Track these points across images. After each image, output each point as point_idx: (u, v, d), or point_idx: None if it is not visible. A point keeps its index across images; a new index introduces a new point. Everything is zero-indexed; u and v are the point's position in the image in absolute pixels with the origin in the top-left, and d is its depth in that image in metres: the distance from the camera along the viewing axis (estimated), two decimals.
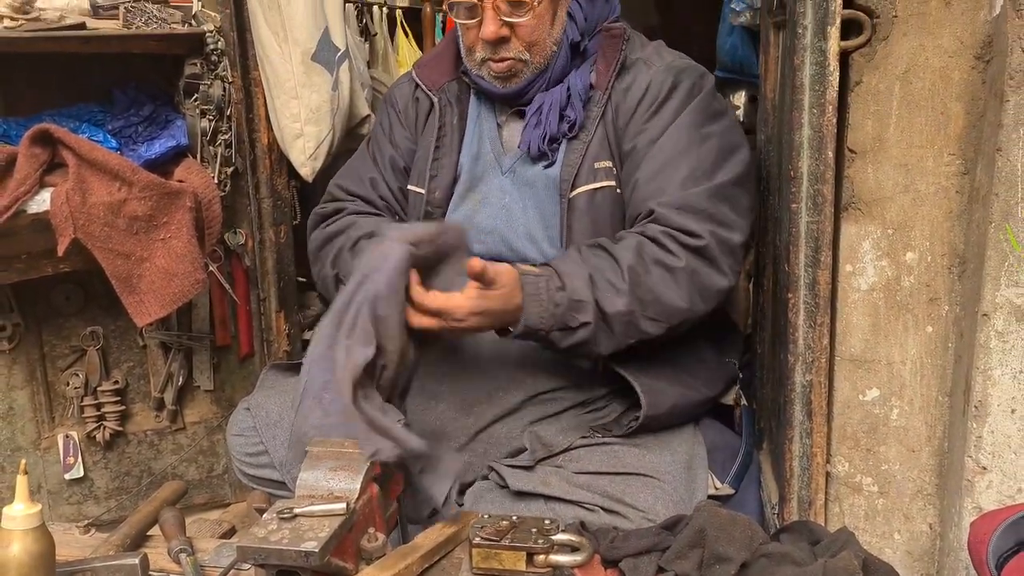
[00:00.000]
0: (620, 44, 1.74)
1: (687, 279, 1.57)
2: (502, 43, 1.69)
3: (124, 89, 2.16)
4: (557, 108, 1.72)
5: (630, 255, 1.56)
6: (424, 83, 1.87)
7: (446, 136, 1.82)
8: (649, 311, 1.57)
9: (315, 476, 1.36)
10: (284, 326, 2.49)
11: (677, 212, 1.59)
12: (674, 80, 1.70)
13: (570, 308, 1.53)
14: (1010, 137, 1.31)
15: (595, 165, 1.70)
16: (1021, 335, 1.37)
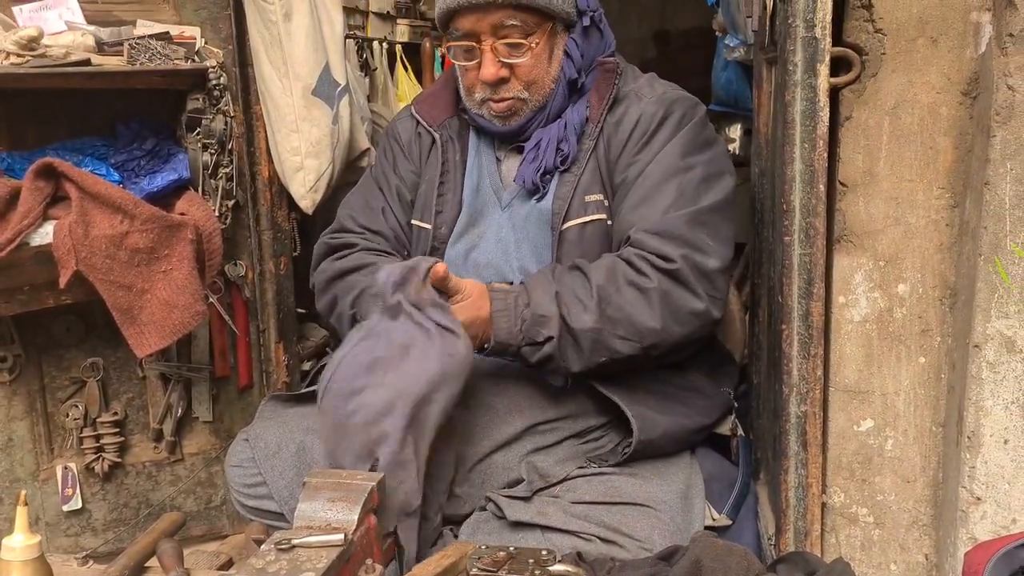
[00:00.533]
0: (613, 78, 1.78)
1: (659, 299, 1.59)
2: (501, 83, 1.72)
3: (128, 123, 2.19)
4: (555, 143, 1.74)
5: (602, 274, 1.60)
6: (424, 120, 1.89)
7: (449, 172, 1.84)
8: (619, 330, 1.59)
9: (313, 507, 1.36)
10: (283, 357, 2.50)
11: (653, 236, 1.62)
12: (665, 111, 1.73)
13: (535, 323, 1.57)
14: (997, 171, 1.33)
15: (586, 198, 1.73)
16: (1012, 366, 1.38)
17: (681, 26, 5.02)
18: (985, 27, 1.39)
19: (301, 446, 1.77)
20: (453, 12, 1.69)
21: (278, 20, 2.18)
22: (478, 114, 1.79)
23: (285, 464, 1.76)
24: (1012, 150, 1.32)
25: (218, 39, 2.26)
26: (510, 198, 1.80)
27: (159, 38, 2.07)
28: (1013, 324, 1.37)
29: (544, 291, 1.59)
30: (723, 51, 2.60)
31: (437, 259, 1.58)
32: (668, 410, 1.71)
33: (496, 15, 1.66)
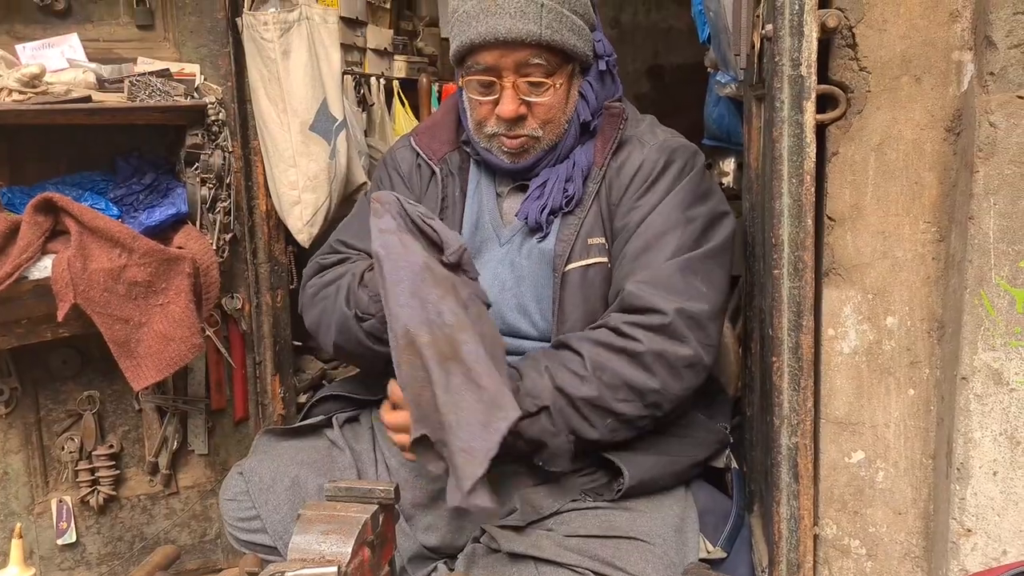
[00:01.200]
0: (618, 123, 1.78)
1: (653, 359, 1.59)
2: (518, 121, 1.70)
3: (127, 158, 2.22)
4: (562, 182, 1.74)
5: (589, 345, 1.60)
6: (424, 152, 1.88)
7: (449, 208, 1.83)
8: (619, 394, 1.59)
9: (307, 539, 1.36)
10: (279, 390, 2.51)
11: (646, 286, 1.61)
12: (667, 159, 1.73)
13: (527, 393, 1.56)
14: (981, 206, 1.36)
15: (589, 241, 1.72)
16: (1000, 398, 1.40)
17: (674, 61, 5.09)
18: (967, 66, 1.43)
19: (295, 480, 1.77)
20: (477, 47, 1.66)
21: (276, 57, 2.22)
22: (486, 148, 1.77)
23: (279, 498, 1.76)
24: (995, 185, 1.35)
25: (217, 76, 2.30)
26: (510, 235, 1.80)
27: (159, 75, 2.11)
28: (1000, 356, 1.39)
29: (532, 366, 1.59)
30: (715, 87, 2.63)
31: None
32: (661, 450, 1.71)
33: (522, 53, 1.64)
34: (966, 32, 1.42)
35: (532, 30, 1.61)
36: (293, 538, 1.36)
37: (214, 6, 2.29)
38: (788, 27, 1.40)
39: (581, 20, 1.69)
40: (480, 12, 1.63)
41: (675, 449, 1.74)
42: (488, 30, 1.62)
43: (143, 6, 2.24)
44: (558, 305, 1.72)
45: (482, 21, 1.62)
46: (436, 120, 1.94)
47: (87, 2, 2.20)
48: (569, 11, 1.65)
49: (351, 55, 2.96)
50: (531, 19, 1.61)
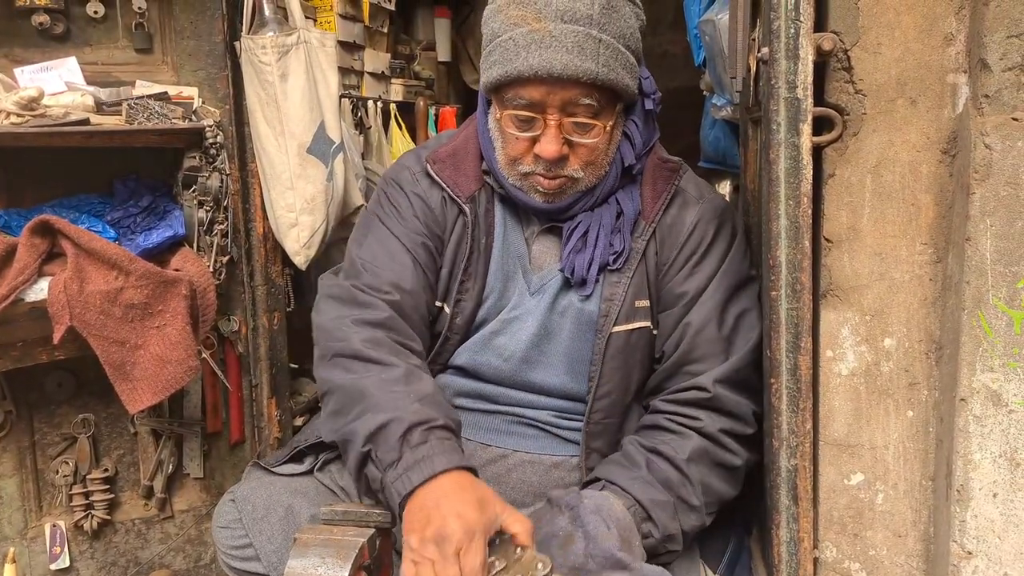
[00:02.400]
0: (675, 178, 1.69)
1: (742, 471, 1.64)
2: (559, 161, 1.56)
3: (125, 181, 2.23)
4: (608, 232, 1.63)
5: (696, 468, 1.57)
6: (451, 189, 1.69)
7: (475, 255, 1.68)
8: (711, 509, 1.62)
9: (303, 564, 1.35)
10: (275, 412, 2.50)
11: (733, 391, 1.61)
12: (719, 221, 1.68)
13: (663, 541, 1.55)
14: (977, 227, 1.36)
15: (636, 303, 1.64)
16: (999, 419, 1.40)
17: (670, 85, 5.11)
18: (962, 88, 1.43)
19: (289, 509, 1.72)
20: (524, 80, 1.50)
21: (274, 80, 2.23)
22: (516, 186, 1.64)
23: (273, 528, 1.72)
24: (991, 207, 1.35)
25: (215, 99, 2.31)
26: (540, 284, 1.68)
27: (157, 98, 2.11)
28: (998, 377, 1.38)
29: (664, 506, 1.54)
30: (710, 110, 2.65)
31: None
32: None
33: (572, 91, 1.50)
34: (960, 55, 1.43)
35: (590, 68, 1.47)
36: (289, 562, 1.35)
37: (212, 29, 2.31)
38: (784, 50, 1.41)
39: (634, 57, 1.57)
40: (532, 43, 1.47)
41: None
42: (541, 64, 1.47)
43: (141, 30, 2.25)
44: (599, 368, 1.64)
45: (534, 53, 1.47)
46: (456, 149, 1.74)
47: (86, 25, 2.22)
48: (624, 47, 1.53)
49: (348, 78, 2.98)
50: (589, 55, 1.47)
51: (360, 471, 1.47)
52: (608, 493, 1.53)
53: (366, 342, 1.56)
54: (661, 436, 1.61)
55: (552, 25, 1.47)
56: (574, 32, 1.47)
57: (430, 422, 1.43)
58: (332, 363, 1.58)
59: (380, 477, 1.42)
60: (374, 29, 3.15)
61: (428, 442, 1.40)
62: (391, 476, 1.39)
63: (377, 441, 1.42)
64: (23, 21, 2.14)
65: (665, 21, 5.21)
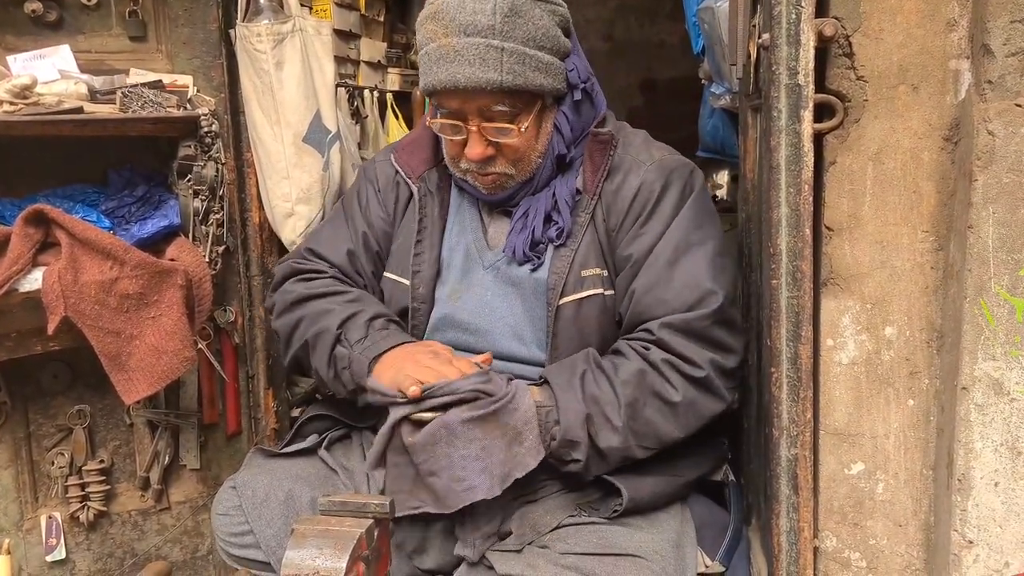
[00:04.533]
0: (608, 150, 1.73)
1: (685, 411, 1.61)
2: (488, 161, 1.68)
3: (119, 171, 2.20)
4: (543, 213, 1.72)
5: (630, 389, 1.58)
6: (403, 170, 1.85)
7: (427, 228, 1.81)
8: (645, 442, 1.61)
9: (300, 555, 1.35)
10: (272, 403, 2.48)
11: (678, 336, 1.61)
12: (665, 180, 1.70)
13: (563, 445, 1.57)
14: (980, 215, 1.35)
15: (582, 273, 1.70)
16: (1000, 408, 1.39)
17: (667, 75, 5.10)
18: (964, 74, 1.42)
19: (289, 495, 1.74)
20: (438, 92, 1.63)
21: (270, 69, 2.21)
22: (462, 179, 1.76)
23: (273, 513, 1.73)
24: (994, 194, 1.34)
25: (210, 87, 2.29)
26: (493, 260, 1.77)
27: (152, 86, 2.09)
28: (1000, 366, 1.38)
29: (576, 413, 1.57)
30: (709, 99, 2.63)
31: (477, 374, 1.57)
32: (662, 470, 1.70)
33: (484, 100, 1.61)
34: (963, 41, 1.42)
35: (492, 78, 1.56)
36: (287, 553, 1.35)
37: (207, 17, 2.28)
38: (785, 36, 1.40)
39: (549, 54, 1.63)
40: (440, 57, 1.59)
41: (675, 468, 1.73)
42: (448, 78, 1.58)
43: (135, 17, 2.23)
44: (552, 339, 1.70)
45: (442, 67, 1.58)
46: (415, 137, 1.91)
47: (79, 13, 2.19)
48: (534, 49, 1.60)
49: (345, 68, 2.95)
50: (491, 66, 1.56)
51: (330, 356, 1.71)
52: (535, 388, 1.61)
53: (315, 285, 1.82)
54: (610, 356, 1.65)
55: (456, 40, 1.57)
56: (475, 45, 1.56)
57: (389, 316, 1.75)
58: (289, 309, 1.82)
59: (348, 353, 1.68)
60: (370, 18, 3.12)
61: (389, 329, 1.72)
62: (359, 348, 1.67)
63: (346, 327, 1.71)
64: (16, 8, 2.11)
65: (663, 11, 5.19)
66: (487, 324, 1.75)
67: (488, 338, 1.74)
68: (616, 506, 1.65)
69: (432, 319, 1.79)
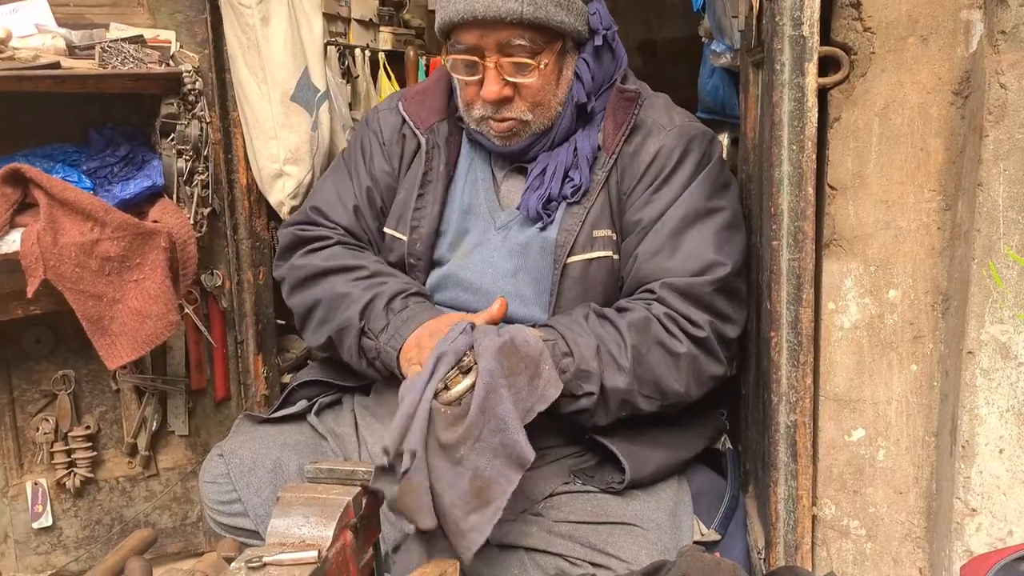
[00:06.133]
0: (633, 108, 1.68)
1: (687, 365, 1.58)
2: (504, 103, 1.61)
3: (100, 129, 2.14)
4: (562, 170, 1.66)
5: (635, 333, 1.55)
6: (412, 119, 1.78)
7: (431, 183, 1.75)
8: (646, 389, 1.57)
9: (287, 523, 1.32)
10: (262, 370, 2.44)
11: (680, 299, 1.57)
12: (685, 147, 1.66)
13: (577, 376, 1.52)
14: (990, 172, 1.30)
15: (594, 233, 1.65)
16: (1007, 373, 1.35)
17: (667, 36, 5.02)
18: (976, 25, 1.36)
19: (277, 462, 1.72)
20: (456, 25, 1.58)
21: (255, 24, 2.13)
22: (477, 131, 1.69)
23: (261, 481, 1.71)
24: (1005, 150, 1.29)
25: (194, 43, 2.21)
26: (507, 220, 1.72)
27: (132, 41, 2.02)
28: (1008, 329, 1.33)
29: (587, 345, 1.53)
30: (709, 57, 2.57)
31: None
32: (662, 444, 1.67)
33: (503, 32, 1.55)
34: None
35: (512, 8, 1.51)
36: (272, 521, 1.32)
37: None
38: None
39: None
40: None
41: (676, 442, 1.70)
42: (466, 8, 1.53)
43: None
44: (555, 299, 1.66)
45: None
46: (427, 86, 1.83)
47: None
48: None
49: (335, 26, 2.88)
50: None
51: (359, 349, 1.66)
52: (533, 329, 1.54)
53: (326, 259, 1.74)
54: (611, 309, 1.62)
55: None
56: None
57: (405, 291, 1.67)
58: (303, 287, 1.76)
59: (375, 345, 1.63)
60: None
61: (408, 307, 1.64)
62: (384, 339, 1.62)
63: (368, 316, 1.64)
64: None
65: None
66: (489, 283, 1.71)
67: (489, 298, 1.69)
68: (616, 483, 1.61)
69: (435, 277, 1.75)
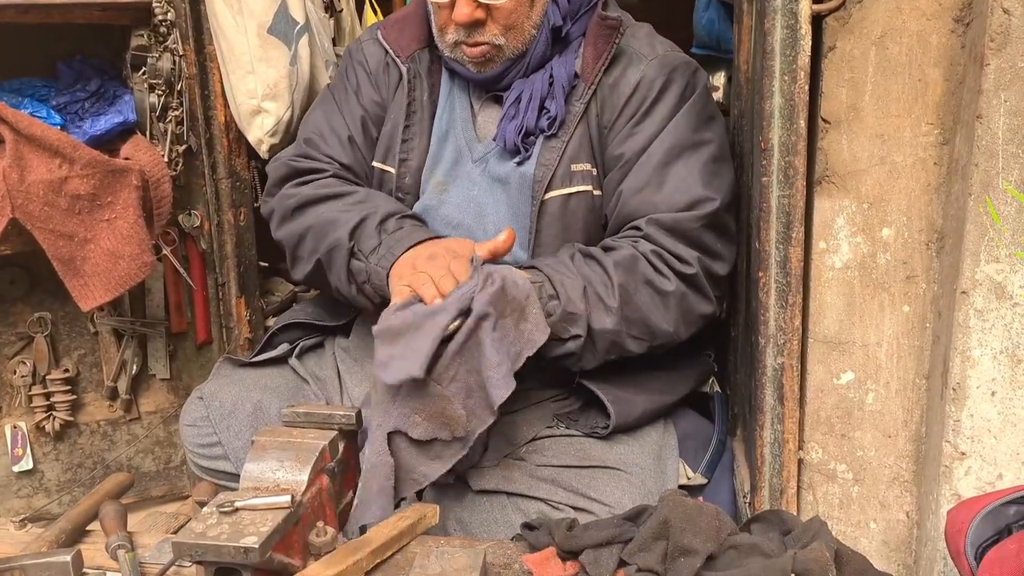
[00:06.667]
0: (615, 36, 1.62)
1: (676, 303, 1.54)
2: (477, 26, 1.57)
3: (69, 62, 2.07)
4: (538, 99, 1.61)
5: (622, 272, 1.51)
6: (392, 48, 1.73)
7: (416, 113, 1.71)
8: (634, 330, 1.53)
9: (260, 468, 1.30)
10: (245, 312, 2.40)
11: (667, 236, 1.53)
12: (666, 79, 1.60)
13: (563, 319, 1.48)
14: (990, 103, 1.24)
15: (572, 167, 1.61)
16: (1001, 313, 1.30)
17: None
18: None
19: (258, 405, 1.71)
20: None
21: None
22: (451, 57, 1.64)
23: (241, 424, 1.70)
24: (1007, 80, 1.23)
25: None
26: (484, 152, 1.67)
27: None
28: (1003, 268, 1.29)
29: (573, 286, 1.49)
30: None
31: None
32: (648, 388, 1.65)
33: None
34: None
35: None
36: (246, 465, 1.30)
37: None
38: None
39: None
40: None
41: (662, 385, 1.68)
42: None
43: None
44: (535, 236, 1.62)
45: None
46: (406, 13, 1.79)
47: None
48: None
49: None
50: None
51: (348, 272, 1.59)
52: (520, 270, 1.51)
53: (317, 187, 1.68)
54: (597, 248, 1.57)
55: None
56: None
57: (400, 212, 1.61)
58: (292, 217, 1.69)
59: (364, 266, 1.56)
60: None
61: (403, 227, 1.57)
62: (374, 259, 1.54)
63: (358, 237, 1.57)
64: None
65: None
66: (472, 220, 1.67)
67: (471, 235, 1.65)
68: (600, 428, 1.58)
69: (415, 210, 1.70)
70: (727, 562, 1.19)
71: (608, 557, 1.23)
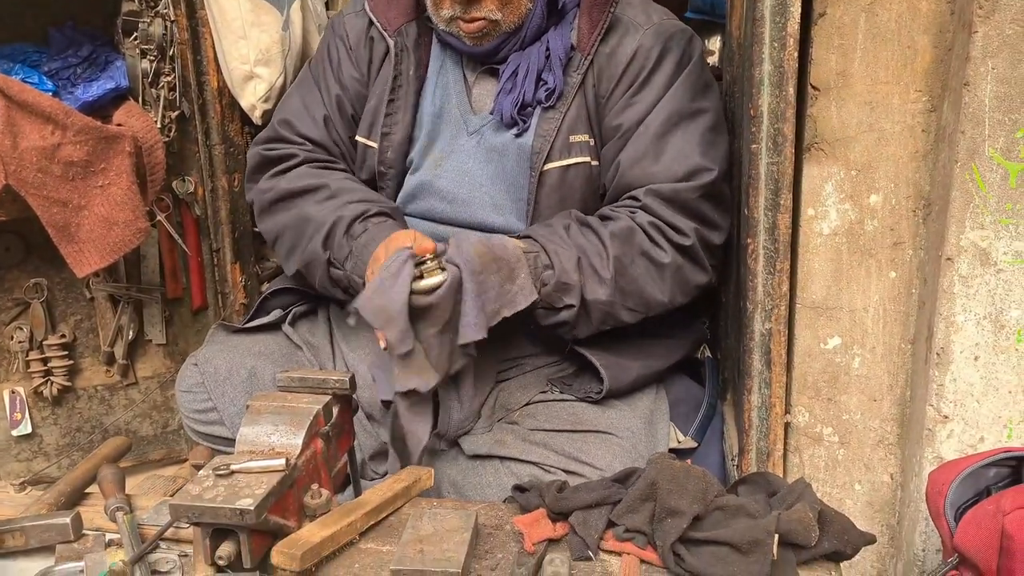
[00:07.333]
0: (609, 5, 1.61)
1: (672, 275, 1.55)
2: (473, 1, 1.56)
3: (61, 28, 2.05)
4: (535, 72, 1.60)
5: (618, 243, 1.51)
6: (379, 21, 1.71)
7: (402, 87, 1.70)
8: (629, 302, 1.54)
9: (255, 431, 1.31)
10: (240, 278, 2.41)
11: (665, 206, 1.53)
12: (662, 48, 1.60)
13: (557, 289, 1.49)
14: (978, 71, 1.24)
15: (570, 139, 1.61)
16: (985, 279, 1.32)
17: None
18: None
19: (252, 371, 1.72)
20: None
21: None
22: (445, 31, 1.63)
23: (236, 390, 1.71)
24: (995, 47, 1.23)
25: None
26: (480, 124, 1.67)
27: None
28: (988, 235, 1.30)
29: (568, 257, 1.49)
30: None
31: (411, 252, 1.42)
32: (642, 354, 1.66)
33: None
34: None
35: None
36: (241, 429, 1.32)
37: None
38: None
39: None
40: None
41: (656, 351, 1.69)
42: None
43: None
44: (533, 207, 1.63)
45: None
46: None
47: None
48: None
49: None
50: None
51: (331, 280, 1.64)
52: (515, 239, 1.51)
53: (291, 179, 1.70)
54: (594, 218, 1.58)
55: None
56: None
57: (364, 214, 1.61)
58: (270, 212, 1.72)
59: (343, 274, 1.61)
60: None
61: (368, 229, 1.59)
62: (349, 266, 1.59)
63: (330, 245, 1.61)
64: None
65: None
66: (466, 193, 1.67)
67: (466, 208, 1.66)
68: (594, 393, 1.60)
69: (410, 185, 1.71)
70: (713, 523, 1.22)
71: (597, 518, 1.26)
